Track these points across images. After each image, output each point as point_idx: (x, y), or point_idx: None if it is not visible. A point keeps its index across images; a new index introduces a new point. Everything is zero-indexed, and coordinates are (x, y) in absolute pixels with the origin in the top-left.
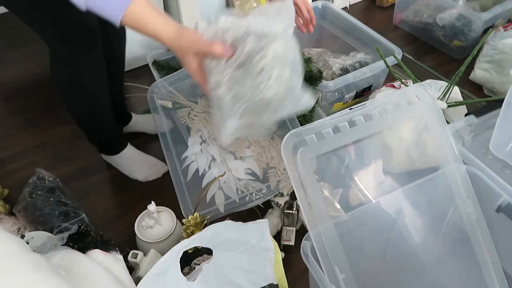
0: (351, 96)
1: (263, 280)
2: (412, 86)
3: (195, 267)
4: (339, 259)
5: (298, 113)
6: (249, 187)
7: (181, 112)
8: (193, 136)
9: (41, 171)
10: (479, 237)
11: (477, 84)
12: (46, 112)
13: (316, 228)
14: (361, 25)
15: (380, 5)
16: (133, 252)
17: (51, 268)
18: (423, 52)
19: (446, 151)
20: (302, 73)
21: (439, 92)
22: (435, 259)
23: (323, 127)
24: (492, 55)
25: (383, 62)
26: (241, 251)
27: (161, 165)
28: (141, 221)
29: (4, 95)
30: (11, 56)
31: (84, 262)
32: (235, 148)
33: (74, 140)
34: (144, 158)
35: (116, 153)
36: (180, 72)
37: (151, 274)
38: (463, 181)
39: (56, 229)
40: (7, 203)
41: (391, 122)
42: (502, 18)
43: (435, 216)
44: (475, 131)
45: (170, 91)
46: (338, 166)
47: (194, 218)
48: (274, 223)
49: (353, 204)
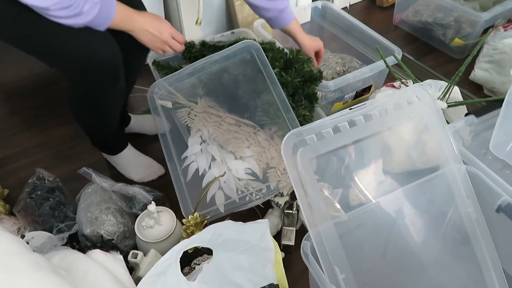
0: (351, 96)
1: (263, 280)
2: (412, 86)
3: (195, 267)
4: (339, 259)
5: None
6: (249, 187)
7: (181, 112)
8: (193, 136)
9: (41, 171)
10: (479, 237)
11: (477, 84)
12: (46, 112)
13: (316, 228)
14: (361, 25)
15: (380, 5)
16: (133, 252)
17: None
18: (423, 52)
19: (446, 151)
20: None
21: (439, 92)
22: (435, 259)
23: (323, 127)
24: (492, 55)
25: (383, 62)
26: (241, 251)
27: (158, 167)
28: (141, 221)
29: (4, 95)
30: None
31: (84, 262)
32: (235, 148)
33: (74, 140)
34: (142, 160)
35: (116, 154)
36: (180, 72)
37: (151, 274)
38: (463, 181)
39: (55, 229)
40: (7, 203)
41: (391, 122)
42: (502, 18)
43: (435, 216)
44: (475, 131)
45: (170, 91)
46: (338, 166)
47: (194, 218)
48: (274, 223)
49: (353, 204)
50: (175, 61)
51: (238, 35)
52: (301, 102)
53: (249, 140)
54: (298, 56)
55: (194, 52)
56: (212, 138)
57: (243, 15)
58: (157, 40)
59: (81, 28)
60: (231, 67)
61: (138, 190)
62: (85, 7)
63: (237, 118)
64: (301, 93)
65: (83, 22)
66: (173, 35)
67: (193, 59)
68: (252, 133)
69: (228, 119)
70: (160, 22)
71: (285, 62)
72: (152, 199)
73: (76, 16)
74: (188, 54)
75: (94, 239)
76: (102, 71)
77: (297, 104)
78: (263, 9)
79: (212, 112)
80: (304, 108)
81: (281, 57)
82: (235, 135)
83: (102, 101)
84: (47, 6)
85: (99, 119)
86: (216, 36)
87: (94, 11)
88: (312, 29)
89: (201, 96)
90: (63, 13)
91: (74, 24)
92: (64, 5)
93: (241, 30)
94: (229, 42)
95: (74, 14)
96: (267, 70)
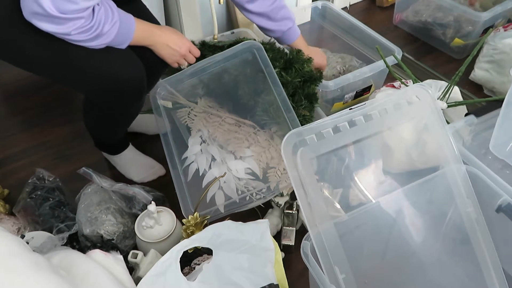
0: (351, 96)
1: (263, 280)
2: (412, 86)
3: (195, 267)
4: (339, 259)
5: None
6: (249, 187)
7: (181, 112)
8: (193, 136)
9: (41, 171)
10: (479, 237)
11: (477, 84)
12: (46, 112)
13: (316, 228)
14: (361, 25)
15: (380, 5)
16: (133, 252)
17: (51, 268)
18: (423, 52)
19: (446, 151)
20: None
21: (439, 92)
22: (435, 259)
23: (323, 127)
24: (492, 55)
25: (383, 62)
26: (241, 251)
27: (158, 168)
28: (141, 221)
29: (4, 95)
30: None
31: (84, 262)
32: (235, 148)
33: (74, 140)
34: (142, 160)
35: (117, 153)
36: (182, 73)
37: (151, 274)
38: (463, 181)
39: (55, 229)
40: (7, 203)
41: (391, 122)
42: (502, 18)
43: (435, 216)
44: (475, 131)
45: (170, 91)
46: (338, 166)
47: (194, 218)
48: (274, 223)
49: (353, 204)
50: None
51: (238, 35)
52: (301, 102)
53: (249, 140)
54: (298, 56)
55: None
56: (212, 138)
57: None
58: (177, 54)
59: (104, 48)
60: (232, 68)
61: (138, 190)
62: (104, 28)
63: (237, 118)
64: (301, 93)
65: (104, 42)
66: (191, 49)
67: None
68: (252, 133)
69: (228, 119)
70: (179, 36)
71: (285, 62)
72: (152, 199)
73: (97, 38)
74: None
75: (94, 239)
76: (129, 89)
77: (297, 104)
78: (268, 31)
79: (212, 112)
80: (304, 108)
81: (281, 57)
82: (235, 135)
83: (122, 116)
84: (68, 32)
85: (113, 130)
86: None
87: (114, 30)
88: (312, 29)
89: (201, 96)
90: (83, 36)
91: (96, 45)
92: (83, 29)
93: (241, 30)
94: (229, 42)
95: (94, 36)
96: (268, 69)
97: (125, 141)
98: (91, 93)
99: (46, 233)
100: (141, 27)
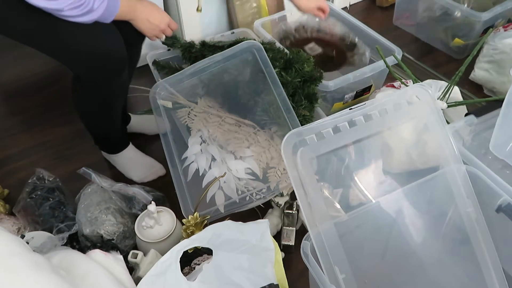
0: (351, 96)
1: (263, 280)
2: (412, 86)
3: (195, 267)
4: (339, 259)
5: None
6: (249, 187)
7: (181, 112)
8: (193, 136)
9: (41, 171)
10: (479, 237)
11: (477, 84)
12: (46, 112)
13: (316, 228)
14: (361, 25)
15: (380, 5)
16: (133, 252)
17: (51, 268)
18: (423, 52)
19: (446, 151)
20: None
21: (439, 92)
22: (435, 259)
23: (323, 127)
24: (492, 55)
25: (383, 62)
26: (241, 251)
27: (159, 167)
28: (141, 221)
29: (4, 95)
30: (11, 56)
31: (84, 262)
32: (235, 148)
33: (74, 140)
34: (143, 159)
35: (117, 152)
36: (182, 73)
37: (151, 274)
38: (463, 181)
39: (55, 229)
40: (7, 203)
41: (391, 122)
42: (502, 18)
43: (435, 216)
44: (475, 131)
45: (170, 91)
46: (338, 166)
47: (194, 218)
48: (274, 223)
49: (353, 204)
50: (175, 61)
51: (238, 35)
52: (301, 102)
53: (249, 140)
54: (298, 56)
55: (194, 52)
56: (212, 138)
57: (243, 15)
58: (156, 29)
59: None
60: (232, 68)
61: (138, 190)
62: (95, 4)
63: (237, 118)
64: (301, 93)
65: (93, 18)
66: (170, 24)
67: (193, 59)
68: (252, 133)
69: (228, 119)
70: (159, 12)
71: (285, 62)
72: (152, 199)
73: (87, 14)
74: (188, 54)
75: (94, 239)
76: (112, 62)
77: (297, 104)
78: None
79: (212, 112)
80: (304, 108)
81: (281, 57)
82: (235, 135)
83: (108, 95)
84: (61, 8)
85: (104, 115)
86: (216, 36)
87: (103, 6)
88: None
89: (201, 96)
90: (75, 12)
91: (85, 21)
92: (75, 5)
93: (241, 30)
94: (229, 42)
95: (85, 12)
96: (268, 69)
97: (125, 139)
98: (76, 65)
99: (46, 233)
100: (125, 2)
